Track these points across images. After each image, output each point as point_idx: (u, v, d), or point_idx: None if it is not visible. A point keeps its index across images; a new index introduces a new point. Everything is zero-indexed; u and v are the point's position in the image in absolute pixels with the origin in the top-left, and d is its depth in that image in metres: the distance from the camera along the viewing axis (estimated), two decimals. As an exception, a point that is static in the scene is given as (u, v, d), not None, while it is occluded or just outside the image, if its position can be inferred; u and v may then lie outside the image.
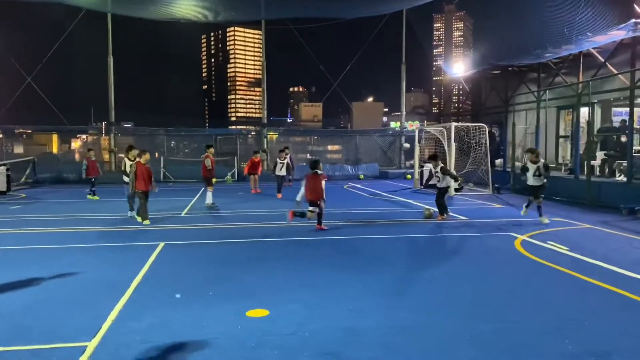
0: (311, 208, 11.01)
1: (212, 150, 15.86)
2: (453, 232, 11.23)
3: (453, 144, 19.30)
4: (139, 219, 12.12)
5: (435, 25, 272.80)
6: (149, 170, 12.13)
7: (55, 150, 42.07)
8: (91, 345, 4.71)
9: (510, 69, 25.44)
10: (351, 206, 15.68)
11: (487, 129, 20.37)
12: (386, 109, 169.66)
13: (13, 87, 30.56)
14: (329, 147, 34.66)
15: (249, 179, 20.51)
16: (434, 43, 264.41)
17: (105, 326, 5.20)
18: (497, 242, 9.79)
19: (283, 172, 18.78)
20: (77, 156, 36.60)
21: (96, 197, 17.50)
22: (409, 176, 26.61)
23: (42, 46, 31.23)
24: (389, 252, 8.99)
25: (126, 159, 13.41)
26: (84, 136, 37.94)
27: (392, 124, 68.32)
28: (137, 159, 12.28)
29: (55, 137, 45.38)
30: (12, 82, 32.45)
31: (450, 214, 13.33)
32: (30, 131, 36.12)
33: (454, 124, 19.98)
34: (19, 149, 33.34)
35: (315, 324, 5.29)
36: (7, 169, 19.56)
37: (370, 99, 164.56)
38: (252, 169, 20.02)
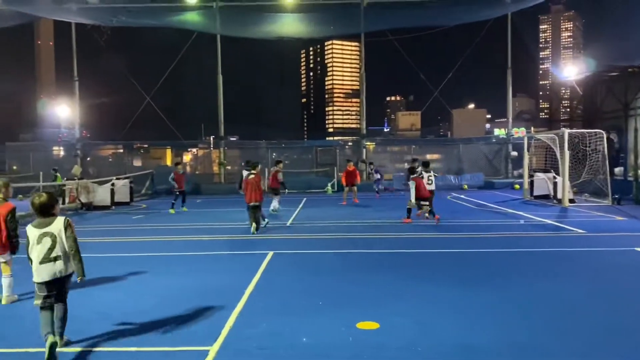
0: (423, 203, 13.78)
1: (281, 165, 17.54)
2: (571, 246, 10.51)
3: (567, 152, 18.11)
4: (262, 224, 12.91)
5: (541, 27, 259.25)
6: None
7: (169, 163, 45.23)
8: (213, 349, 4.97)
9: (630, 70, 23.45)
10: (457, 218, 15.23)
11: (605, 135, 18.90)
12: (488, 116, 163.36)
13: (132, 106, 33.39)
14: (428, 156, 34.01)
15: (344, 190, 20.32)
16: (540, 45, 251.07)
17: (224, 332, 5.46)
18: (623, 258, 9.02)
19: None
20: (188, 169, 39.11)
21: (184, 209, 18.05)
22: (517, 186, 25.36)
23: (158, 68, 33.88)
24: (503, 267, 8.60)
25: (244, 171, 14.20)
26: (194, 150, 40.41)
27: (496, 131, 65.67)
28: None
29: (169, 151, 48.79)
30: (132, 101, 35.49)
31: (566, 227, 12.49)
32: (147, 146, 39.13)
33: (567, 131, 18.76)
34: (137, 162, 36.25)
35: (428, 339, 5.19)
36: (130, 181, 21.33)
37: (471, 106, 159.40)
38: (349, 178, 19.77)
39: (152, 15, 27.07)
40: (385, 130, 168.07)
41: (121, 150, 33.93)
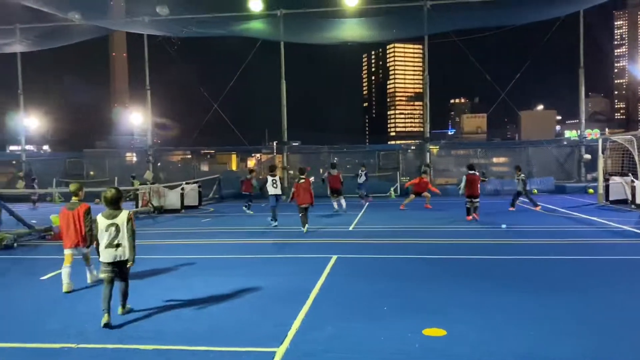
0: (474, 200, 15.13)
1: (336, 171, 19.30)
2: (651, 254, 9.89)
3: (646, 154, 17.07)
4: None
5: (616, 23, 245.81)
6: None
7: (234, 168, 46.47)
8: (280, 351, 5.07)
9: None
10: (526, 223, 14.69)
11: (689, 136, 17.66)
12: (559, 117, 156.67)
13: (200, 113, 34.60)
14: (495, 160, 33.01)
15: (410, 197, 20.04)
16: (616, 42, 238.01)
17: (290, 334, 5.55)
18: None
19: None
20: (254, 174, 40.00)
21: (251, 212, 18.93)
22: (591, 190, 24.14)
23: (224, 76, 34.90)
24: (577, 275, 8.22)
25: (269, 176, 15.02)
26: (258, 155, 41.26)
27: (567, 133, 62.85)
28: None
29: (234, 157, 50.09)
30: (199, 109, 36.77)
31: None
32: (213, 152, 40.35)
33: (646, 132, 17.66)
34: (204, 167, 37.53)
35: (497, 348, 5.04)
36: (199, 186, 22.09)
37: (540, 107, 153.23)
38: (419, 189, 19.45)
39: (219, 25, 27.95)
40: (450, 133, 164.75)
41: (189, 156, 35.21)
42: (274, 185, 14.63)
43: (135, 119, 34.63)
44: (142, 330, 5.79)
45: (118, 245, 6.09)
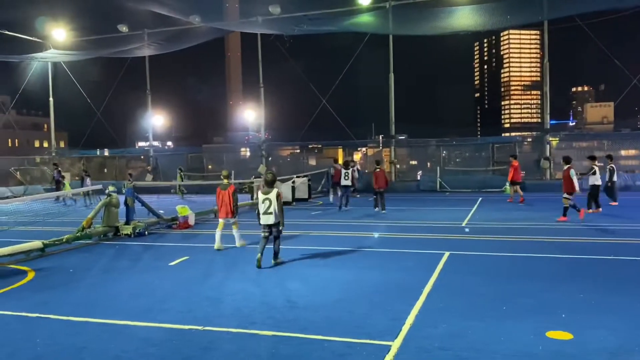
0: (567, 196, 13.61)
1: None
2: None
3: None
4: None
5: None
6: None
7: (341, 162, 46.92)
8: (395, 345, 5.05)
9: None
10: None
11: None
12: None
13: (309, 109, 35.37)
14: (623, 153, 30.18)
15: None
16: None
17: (404, 328, 5.51)
18: None
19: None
20: (358, 167, 40.14)
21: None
22: None
23: (332, 71, 35.37)
24: None
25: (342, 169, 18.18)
26: (364, 149, 41.31)
27: None
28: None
29: (340, 151, 50.66)
30: (308, 104, 37.60)
31: None
32: (321, 146, 41.05)
33: None
34: (312, 162, 38.32)
35: (628, 355, 4.63)
36: (309, 179, 22.63)
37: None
38: (516, 175, 19.26)
39: (329, 21, 28.30)
40: (571, 124, 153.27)
41: (298, 151, 36.17)
42: (346, 177, 17.84)
43: (249, 115, 36.16)
44: (260, 317, 6.06)
45: (270, 213, 8.71)
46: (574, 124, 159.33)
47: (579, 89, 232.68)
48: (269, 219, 8.73)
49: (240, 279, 8.03)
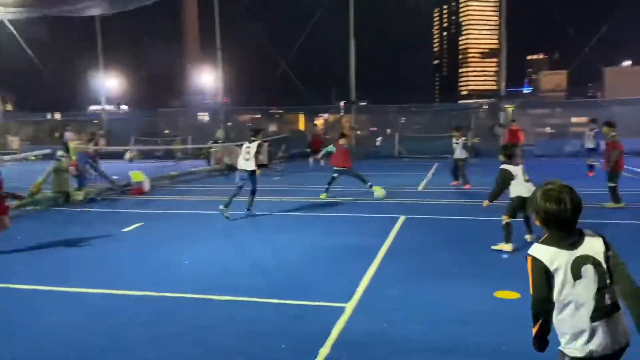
0: None
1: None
2: None
3: None
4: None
5: None
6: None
7: (302, 127, 46.72)
8: (349, 306, 5.13)
9: None
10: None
11: None
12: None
13: (269, 73, 34.80)
14: (574, 120, 31.20)
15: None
16: None
17: (359, 290, 5.60)
18: None
19: None
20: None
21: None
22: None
23: (292, 34, 34.72)
24: None
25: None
26: (325, 115, 41.14)
27: (658, 91, 58.08)
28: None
29: (301, 117, 50.31)
30: (268, 68, 36.97)
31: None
32: (282, 112, 40.63)
33: None
34: (273, 128, 37.95)
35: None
36: (269, 145, 22.42)
37: (627, 63, 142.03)
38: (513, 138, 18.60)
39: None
40: (526, 91, 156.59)
41: (259, 116, 35.71)
42: (246, 158, 14.57)
43: (207, 79, 35.30)
44: (217, 283, 6.03)
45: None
46: (529, 91, 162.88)
47: (535, 56, 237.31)
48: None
49: (197, 245, 7.95)
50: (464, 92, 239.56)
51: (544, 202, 2.43)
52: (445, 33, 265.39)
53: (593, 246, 2.42)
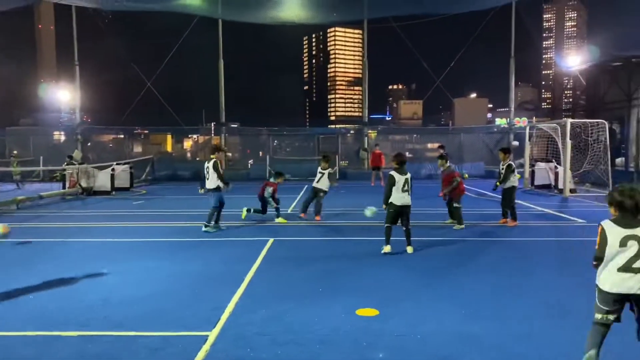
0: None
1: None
2: (571, 236, 10.53)
3: (569, 142, 18.06)
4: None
5: (545, 16, 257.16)
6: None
7: (169, 149, 45.15)
8: (212, 334, 4.98)
9: (634, 59, 23.32)
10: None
11: (607, 125, 18.83)
12: (490, 105, 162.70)
13: (133, 92, 33.23)
14: (429, 146, 33.95)
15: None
16: (544, 35, 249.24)
17: (223, 317, 5.47)
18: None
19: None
20: (188, 155, 38.98)
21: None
22: (518, 176, 25.27)
23: (159, 53, 33.66)
24: (504, 256, 8.61)
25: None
26: (195, 136, 40.27)
27: (498, 121, 65.40)
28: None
29: (169, 138, 48.67)
30: (133, 87, 35.34)
31: (566, 216, 12.51)
32: (147, 132, 38.96)
33: (569, 120, 18.64)
34: (138, 149, 36.16)
35: (427, 327, 5.20)
36: (131, 167, 21.30)
37: (473, 95, 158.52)
38: (375, 162, 22.44)
39: (154, -1, 26.87)
40: (387, 118, 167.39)
41: (122, 136, 33.82)
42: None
43: (64, 95, 32.69)
44: (67, 316, 5.52)
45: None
46: (390, 118, 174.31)
47: (395, 86, 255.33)
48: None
49: (46, 276, 7.22)
50: (333, 118, 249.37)
51: (618, 195, 3.88)
52: (314, 60, 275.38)
53: None
